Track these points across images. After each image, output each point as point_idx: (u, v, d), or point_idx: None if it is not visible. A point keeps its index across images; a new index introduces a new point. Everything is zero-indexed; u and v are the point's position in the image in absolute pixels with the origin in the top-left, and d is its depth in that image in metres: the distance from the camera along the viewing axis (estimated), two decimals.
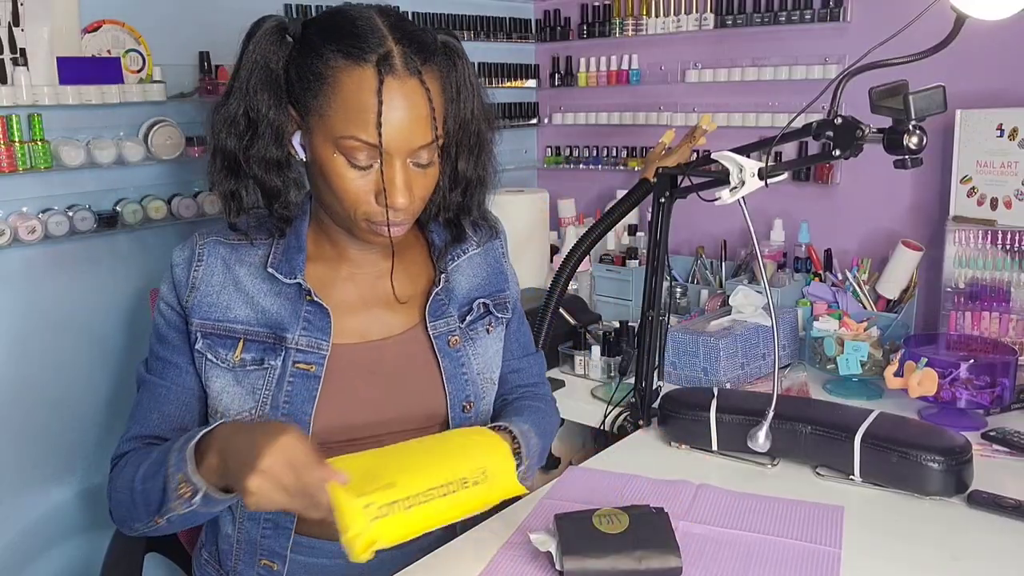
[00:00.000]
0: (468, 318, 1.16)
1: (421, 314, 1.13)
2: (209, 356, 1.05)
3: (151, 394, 1.08)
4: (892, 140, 1.11)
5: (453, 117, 1.05)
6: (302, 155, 1.02)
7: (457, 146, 1.07)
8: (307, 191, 1.11)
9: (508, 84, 2.45)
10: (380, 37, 0.95)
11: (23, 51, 1.46)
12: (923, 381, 1.41)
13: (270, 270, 1.06)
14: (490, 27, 2.34)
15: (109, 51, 1.61)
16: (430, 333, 1.12)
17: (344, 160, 0.97)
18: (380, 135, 0.94)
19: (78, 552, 1.71)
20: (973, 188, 1.76)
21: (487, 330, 1.18)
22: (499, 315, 1.20)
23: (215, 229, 1.10)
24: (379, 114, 0.93)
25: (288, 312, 1.06)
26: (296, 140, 1.02)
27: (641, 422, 1.47)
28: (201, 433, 0.92)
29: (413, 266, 1.16)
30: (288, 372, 1.04)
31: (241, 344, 1.05)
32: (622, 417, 1.54)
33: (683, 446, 1.36)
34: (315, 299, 1.06)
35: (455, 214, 1.14)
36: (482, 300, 1.18)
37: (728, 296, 1.82)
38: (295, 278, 1.06)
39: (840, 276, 1.91)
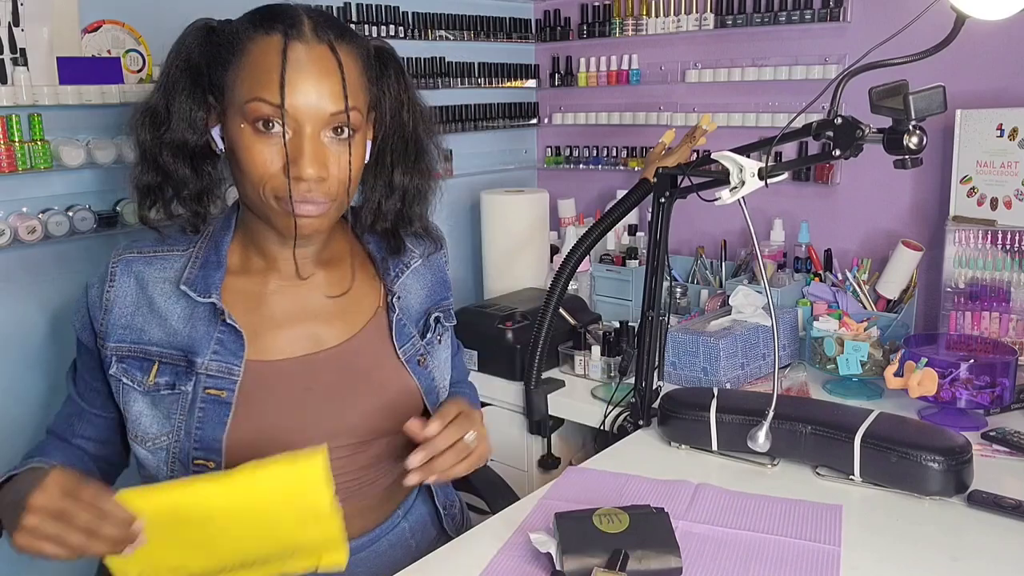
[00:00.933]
0: (427, 335, 1.15)
1: (365, 327, 1.10)
2: (124, 380, 1.03)
3: (74, 409, 1.12)
4: (892, 140, 1.11)
5: (386, 122, 1.04)
6: (220, 145, 1.00)
7: (392, 153, 1.06)
8: (228, 200, 1.09)
9: (508, 84, 2.45)
10: (295, 14, 0.95)
11: (23, 51, 1.46)
12: (923, 381, 1.41)
13: (183, 287, 1.02)
14: (490, 27, 2.34)
15: (109, 51, 1.61)
16: (401, 357, 1.10)
17: (251, 129, 0.94)
18: (283, 94, 0.91)
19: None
20: (973, 188, 1.76)
21: (439, 340, 1.18)
22: (447, 324, 1.20)
23: (132, 243, 1.08)
24: (283, 73, 0.91)
25: (200, 334, 1.02)
26: (216, 133, 1.00)
27: (641, 422, 1.47)
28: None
29: (355, 280, 1.11)
30: (199, 397, 1.01)
31: (156, 367, 1.02)
32: (622, 417, 1.54)
33: (683, 446, 1.36)
34: (228, 321, 1.02)
35: (392, 224, 1.12)
36: (434, 313, 1.17)
37: (728, 296, 1.82)
38: (209, 296, 1.02)
39: (840, 276, 1.91)
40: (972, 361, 1.41)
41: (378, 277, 1.14)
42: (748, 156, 1.20)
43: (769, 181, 1.18)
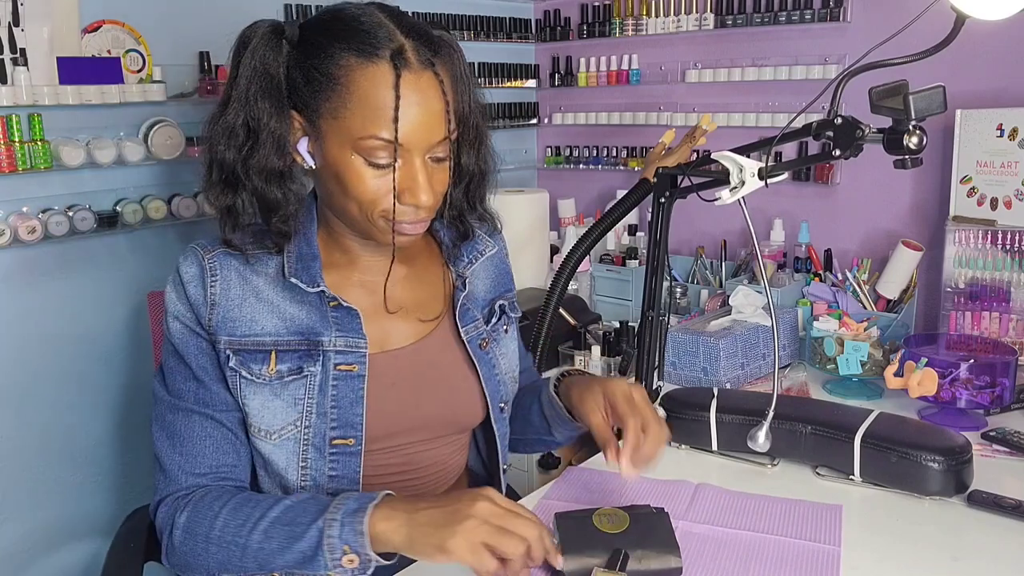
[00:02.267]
0: (492, 320, 1.17)
1: (440, 319, 1.12)
2: (243, 373, 1.00)
3: (192, 426, 1.01)
4: (892, 140, 1.11)
5: (456, 113, 1.02)
6: (310, 162, 0.98)
7: (459, 141, 1.05)
8: (306, 198, 1.08)
9: (508, 84, 2.45)
10: (389, 32, 0.92)
11: (23, 51, 1.46)
12: (923, 381, 1.41)
13: (292, 280, 1.02)
14: (490, 27, 2.34)
15: (109, 51, 1.61)
16: (463, 337, 1.11)
17: (363, 161, 0.93)
18: (396, 131, 0.91)
19: (76, 559, 1.71)
20: (973, 188, 1.76)
21: (505, 330, 1.19)
22: (512, 315, 1.21)
23: (213, 240, 1.05)
24: (396, 108, 0.91)
25: (317, 319, 1.02)
26: (303, 147, 0.98)
27: None
28: (371, 506, 0.88)
29: (426, 272, 1.15)
30: (330, 376, 1.01)
31: (273, 356, 1.01)
32: None
33: (683, 446, 1.36)
34: (341, 303, 1.03)
35: (459, 211, 1.12)
36: (499, 302, 1.19)
37: (728, 296, 1.82)
38: (317, 286, 1.02)
39: (840, 276, 1.91)
40: (972, 361, 1.41)
41: (446, 266, 1.15)
42: (748, 156, 1.20)
43: (769, 181, 1.18)
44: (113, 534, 1.22)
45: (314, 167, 0.99)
